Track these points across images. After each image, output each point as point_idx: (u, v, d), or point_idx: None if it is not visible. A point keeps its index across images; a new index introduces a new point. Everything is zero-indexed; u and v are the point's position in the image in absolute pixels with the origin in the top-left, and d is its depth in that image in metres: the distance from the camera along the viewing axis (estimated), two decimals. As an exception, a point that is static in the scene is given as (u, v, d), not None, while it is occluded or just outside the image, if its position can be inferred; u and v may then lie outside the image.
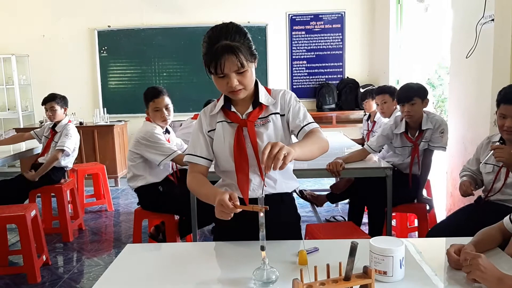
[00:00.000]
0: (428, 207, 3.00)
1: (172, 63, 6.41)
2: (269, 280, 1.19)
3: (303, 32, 6.40)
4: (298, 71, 6.50)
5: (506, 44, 2.85)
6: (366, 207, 3.19)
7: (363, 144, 4.07)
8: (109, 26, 6.32)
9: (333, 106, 6.28)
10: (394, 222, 3.40)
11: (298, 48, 6.44)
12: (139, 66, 6.43)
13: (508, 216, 1.45)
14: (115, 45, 6.37)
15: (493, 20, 2.89)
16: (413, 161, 2.88)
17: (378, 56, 6.17)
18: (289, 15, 6.36)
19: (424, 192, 3.16)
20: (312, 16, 6.36)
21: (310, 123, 1.52)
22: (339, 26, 6.37)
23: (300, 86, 6.51)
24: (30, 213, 2.95)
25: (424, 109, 2.85)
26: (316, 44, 6.43)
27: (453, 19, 3.60)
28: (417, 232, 3.22)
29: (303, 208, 4.35)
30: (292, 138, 1.59)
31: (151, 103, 2.91)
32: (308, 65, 6.48)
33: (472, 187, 2.26)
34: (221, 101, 1.54)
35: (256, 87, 1.52)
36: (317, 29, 6.39)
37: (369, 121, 4.02)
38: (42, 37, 6.38)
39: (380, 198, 2.75)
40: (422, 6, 5.11)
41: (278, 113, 1.54)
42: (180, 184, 3.16)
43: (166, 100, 2.92)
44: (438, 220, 2.94)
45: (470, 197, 2.33)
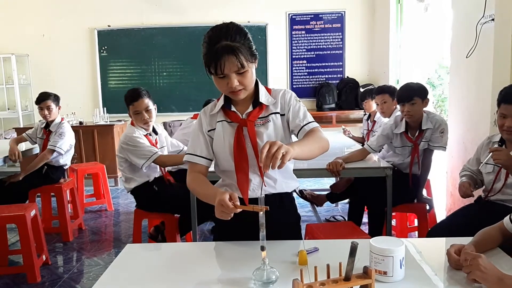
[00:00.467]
0: (428, 207, 3.00)
1: (172, 63, 6.41)
2: (269, 280, 1.19)
3: (303, 32, 6.40)
4: (298, 71, 6.50)
5: (506, 44, 2.85)
6: (366, 207, 3.19)
7: (363, 143, 4.07)
8: (109, 26, 6.32)
9: (333, 105, 6.29)
10: (394, 222, 3.40)
11: (298, 47, 6.44)
12: (139, 66, 6.43)
13: (508, 216, 1.45)
14: (115, 44, 6.37)
15: (493, 19, 2.89)
16: (413, 161, 2.88)
17: (378, 56, 6.17)
18: (289, 14, 6.36)
19: (424, 192, 3.16)
20: (312, 16, 6.36)
21: (310, 123, 1.52)
22: (339, 25, 6.38)
23: (300, 86, 6.51)
24: (30, 213, 2.94)
25: (424, 108, 2.85)
26: (316, 43, 6.43)
27: (453, 19, 3.59)
28: (417, 232, 3.22)
29: (303, 208, 4.35)
30: (293, 138, 1.58)
31: (131, 106, 2.88)
32: (308, 64, 6.48)
33: (472, 188, 2.26)
34: (221, 101, 1.54)
35: (256, 86, 1.52)
36: (317, 29, 6.39)
37: (369, 121, 4.01)
38: (42, 36, 6.38)
39: (380, 198, 2.75)
40: (422, 6, 5.11)
41: (278, 112, 1.54)
42: (176, 182, 3.15)
43: (146, 102, 2.87)
44: (438, 220, 2.94)
45: (470, 197, 2.33)
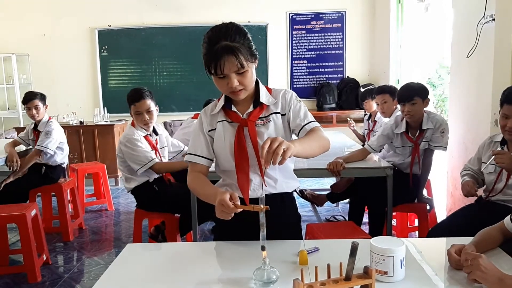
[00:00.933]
0: (428, 207, 3.00)
1: (173, 63, 6.41)
2: (270, 280, 1.19)
3: (304, 32, 6.40)
4: (298, 71, 6.50)
5: (507, 44, 2.85)
6: (366, 207, 3.19)
7: (363, 141, 4.08)
8: (109, 26, 6.33)
9: (334, 105, 6.29)
10: (394, 222, 3.40)
11: (298, 47, 6.44)
12: (139, 66, 6.43)
13: (508, 216, 1.45)
14: (115, 44, 6.37)
15: (493, 19, 2.89)
16: (413, 160, 2.88)
17: (378, 56, 6.17)
18: (289, 14, 6.36)
19: (425, 192, 3.16)
20: (313, 16, 6.36)
21: (311, 122, 1.51)
22: (339, 25, 6.38)
23: (301, 86, 6.51)
24: (30, 213, 2.95)
25: (425, 108, 2.85)
26: (317, 43, 6.43)
27: (454, 19, 3.59)
28: (417, 232, 3.22)
29: (303, 207, 4.35)
30: (293, 138, 1.58)
31: (132, 107, 2.87)
32: (309, 64, 6.48)
33: (476, 187, 2.26)
34: (222, 101, 1.54)
35: (257, 86, 1.52)
36: (317, 29, 6.39)
37: (369, 121, 4.02)
38: (42, 36, 6.39)
39: (381, 197, 2.75)
40: (423, 6, 5.10)
41: (278, 112, 1.53)
42: (176, 182, 3.15)
43: (148, 104, 2.85)
44: (439, 220, 2.93)
45: (471, 197, 2.33)
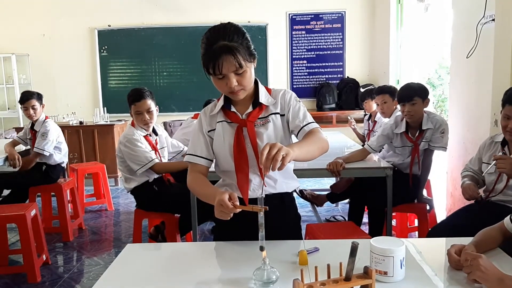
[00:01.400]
0: (428, 207, 3.00)
1: (172, 63, 6.41)
2: (270, 280, 1.19)
3: (303, 32, 6.40)
4: (298, 71, 6.50)
5: (507, 44, 2.85)
6: (366, 207, 3.19)
7: (363, 141, 4.08)
8: (109, 26, 6.33)
9: (333, 105, 6.29)
10: (394, 222, 3.40)
11: (298, 47, 6.44)
12: (139, 66, 6.44)
13: (508, 216, 1.45)
14: (115, 44, 6.37)
15: (493, 20, 2.89)
16: (413, 161, 2.88)
17: (378, 56, 6.17)
18: (289, 14, 6.36)
19: (424, 192, 3.16)
20: (312, 16, 6.37)
21: (310, 123, 1.51)
22: (339, 25, 6.38)
23: (300, 86, 6.51)
24: (30, 213, 2.94)
25: (425, 109, 2.85)
26: (316, 43, 6.43)
27: (454, 19, 3.59)
28: (417, 232, 3.22)
29: (303, 208, 4.35)
30: (293, 138, 1.58)
31: (133, 106, 2.87)
32: (308, 64, 6.48)
33: (478, 190, 2.24)
34: (221, 101, 1.54)
35: (256, 87, 1.52)
36: (317, 29, 6.40)
37: (369, 121, 4.02)
38: (42, 36, 6.39)
39: (380, 198, 2.75)
40: (423, 6, 5.11)
41: (278, 113, 1.53)
42: (176, 182, 3.15)
43: (148, 104, 2.85)
44: (438, 220, 2.94)
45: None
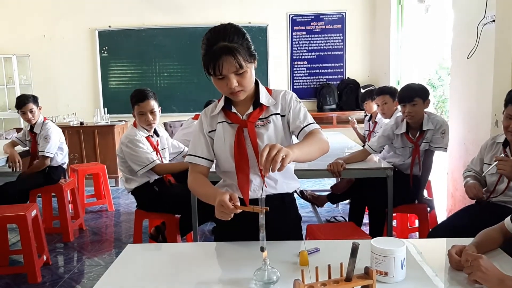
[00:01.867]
0: (428, 208, 3.00)
1: (173, 63, 6.41)
2: (270, 281, 1.19)
3: (304, 33, 6.41)
4: (298, 72, 6.50)
5: (507, 45, 2.85)
6: (366, 208, 3.19)
7: (364, 141, 4.08)
8: (110, 26, 6.33)
9: (334, 106, 6.29)
10: (394, 223, 3.40)
11: (298, 48, 6.44)
12: (139, 66, 6.44)
13: (509, 217, 1.45)
14: (115, 45, 6.38)
15: (494, 20, 2.89)
16: (414, 161, 2.88)
17: (378, 57, 6.17)
18: (289, 15, 6.37)
19: (425, 193, 3.16)
20: (313, 17, 6.37)
21: (311, 124, 1.51)
22: (339, 26, 6.38)
23: (301, 87, 6.51)
24: (30, 213, 2.95)
25: (425, 109, 2.85)
26: (317, 44, 6.43)
27: (454, 20, 3.59)
28: (417, 233, 3.22)
29: (303, 208, 4.35)
30: (293, 139, 1.58)
31: (136, 107, 2.87)
32: (309, 65, 6.48)
33: (482, 190, 2.23)
34: (222, 102, 1.54)
35: (256, 87, 1.52)
36: (317, 30, 6.40)
37: (370, 122, 4.02)
38: (43, 37, 6.39)
39: (381, 198, 2.75)
40: (423, 7, 5.11)
41: (278, 113, 1.53)
42: (176, 183, 3.15)
43: (152, 104, 2.86)
44: (439, 221, 2.93)
45: (471, 198, 2.32)
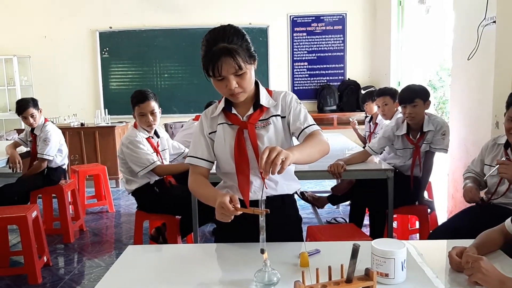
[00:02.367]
0: (429, 209, 2.99)
1: (174, 64, 6.42)
2: (271, 282, 1.19)
3: (304, 34, 6.41)
4: (299, 73, 6.50)
5: (508, 46, 2.85)
6: (367, 209, 3.18)
7: (364, 142, 4.07)
8: (110, 27, 6.34)
9: (334, 107, 6.29)
10: (395, 224, 3.40)
11: (299, 49, 6.44)
12: (140, 67, 6.44)
13: (510, 219, 1.44)
14: (116, 46, 6.38)
15: (494, 22, 2.89)
16: (414, 163, 2.87)
17: (379, 58, 6.17)
18: (290, 16, 6.37)
19: (425, 194, 3.16)
20: (314, 18, 6.37)
21: (311, 126, 1.51)
22: (340, 27, 6.38)
23: (301, 88, 6.51)
24: (31, 214, 2.95)
25: (426, 111, 2.85)
26: (317, 45, 6.43)
27: (455, 21, 3.59)
28: (418, 234, 3.21)
29: (304, 209, 4.35)
30: (294, 140, 1.58)
31: (137, 108, 2.87)
32: (309, 66, 6.48)
33: (479, 193, 2.23)
34: (222, 103, 1.54)
35: (257, 88, 1.52)
36: (318, 31, 6.40)
37: (370, 123, 4.01)
38: (43, 38, 6.40)
39: (381, 200, 2.75)
40: (424, 8, 5.11)
41: (279, 115, 1.53)
42: (177, 184, 3.15)
43: (152, 105, 2.86)
44: (440, 222, 2.93)
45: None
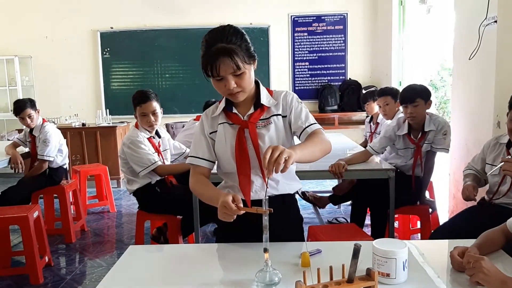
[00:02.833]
0: (430, 209, 2.99)
1: (175, 65, 6.42)
2: (272, 282, 1.19)
3: (306, 34, 6.40)
4: (300, 73, 6.50)
5: (509, 46, 2.84)
6: (368, 209, 3.18)
7: (365, 146, 4.06)
8: (111, 28, 6.34)
9: (335, 107, 6.29)
10: (396, 224, 3.39)
11: (300, 49, 6.44)
12: (141, 68, 6.45)
13: (511, 218, 1.44)
14: (117, 46, 6.39)
15: (496, 21, 2.89)
16: (415, 162, 2.87)
17: (380, 58, 6.17)
18: (291, 16, 6.36)
19: (427, 194, 3.16)
20: (315, 18, 6.37)
21: (312, 124, 1.51)
22: (341, 27, 6.38)
23: (302, 88, 6.51)
24: (32, 214, 2.95)
25: (427, 110, 2.85)
26: (319, 45, 6.43)
27: (456, 21, 3.59)
28: (419, 234, 3.21)
29: (305, 209, 4.35)
30: (295, 139, 1.58)
31: (138, 108, 2.87)
32: (311, 66, 6.48)
33: (476, 192, 2.23)
34: (223, 103, 1.54)
35: (257, 88, 1.52)
36: (319, 31, 6.39)
37: (371, 123, 4.01)
38: (45, 38, 6.40)
39: (383, 199, 2.74)
40: (425, 8, 5.11)
41: (279, 114, 1.53)
42: (178, 184, 3.15)
43: (154, 105, 2.86)
44: (441, 222, 2.93)
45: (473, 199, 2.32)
